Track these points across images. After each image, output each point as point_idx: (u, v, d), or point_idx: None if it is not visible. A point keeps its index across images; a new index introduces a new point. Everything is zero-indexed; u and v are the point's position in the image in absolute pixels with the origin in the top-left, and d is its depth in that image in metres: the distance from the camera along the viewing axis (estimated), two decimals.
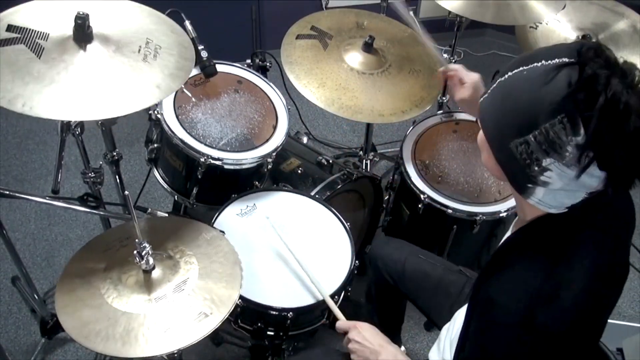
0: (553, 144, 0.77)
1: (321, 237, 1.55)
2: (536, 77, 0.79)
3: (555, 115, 0.75)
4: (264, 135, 1.70)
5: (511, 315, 0.84)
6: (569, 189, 0.82)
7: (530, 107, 0.78)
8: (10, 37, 1.12)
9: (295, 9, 2.18)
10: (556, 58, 0.78)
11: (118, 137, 1.71)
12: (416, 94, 1.76)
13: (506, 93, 0.83)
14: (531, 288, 0.84)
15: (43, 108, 1.05)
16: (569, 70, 0.76)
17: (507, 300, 0.86)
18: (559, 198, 0.84)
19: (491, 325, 0.88)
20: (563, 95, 0.75)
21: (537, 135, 0.78)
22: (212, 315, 1.12)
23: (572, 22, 1.93)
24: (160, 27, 1.32)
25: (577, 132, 0.75)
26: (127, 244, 1.26)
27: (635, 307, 2.16)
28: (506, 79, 0.84)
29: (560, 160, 0.78)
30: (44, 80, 1.09)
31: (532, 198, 0.86)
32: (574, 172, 0.78)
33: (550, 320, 0.83)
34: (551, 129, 0.76)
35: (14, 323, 1.94)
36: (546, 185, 0.82)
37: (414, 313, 1.98)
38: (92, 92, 1.12)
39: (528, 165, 0.81)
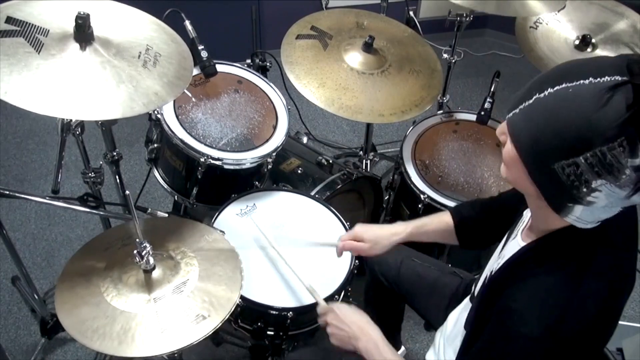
0: (610, 167, 0.74)
1: (321, 237, 1.55)
2: (588, 98, 0.74)
3: (615, 139, 0.73)
4: (264, 135, 1.70)
5: (536, 327, 0.83)
6: (612, 206, 0.80)
7: (583, 129, 0.75)
8: (9, 29, 1.12)
9: (295, 9, 2.19)
10: (606, 76, 0.74)
11: (118, 137, 1.72)
12: (416, 93, 1.76)
13: (549, 112, 0.78)
14: (561, 299, 0.83)
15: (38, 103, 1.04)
16: (624, 90, 0.73)
17: (533, 311, 0.84)
18: (596, 214, 0.82)
19: (510, 335, 0.86)
20: (623, 119, 0.72)
21: (589, 157, 0.75)
22: (210, 317, 1.11)
23: (572, 22, 1.93)
24: (160, 35, 1.32)
25: (636, 154, 0.73)
26: (127, 243, 1.26)
27: (635, 307, 2.16)
28: (547, 96, 0.78)
29: (614, 182, 0.76)
30: (42, 75, 1.08)
31: (570, 216, 0.84)
32: (626, 193, 0.76)
33: (577, 330, 0.83)
34: (609, 152, 0.73)
35: (14, 323, 1.94)
36: (590, 204, 0.80)
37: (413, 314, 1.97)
38: (90, 92, 1.11)
39: (576, 187, 0.78)
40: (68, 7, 1.21)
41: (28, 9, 1.18)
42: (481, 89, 3.16)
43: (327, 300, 1.39)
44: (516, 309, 0.86)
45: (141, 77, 1.19)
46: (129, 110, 1.12)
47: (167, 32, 1.35)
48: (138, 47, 1.25)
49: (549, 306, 0.83)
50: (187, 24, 1.63)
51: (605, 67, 0.75)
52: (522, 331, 0.84)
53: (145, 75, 1.20)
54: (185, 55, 1.33)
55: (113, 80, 1.15)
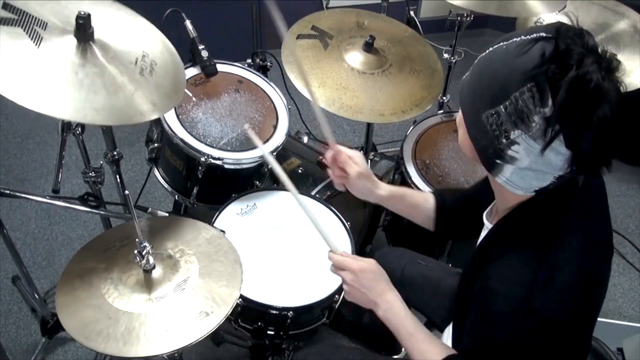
0: (521, 114, 0.78)
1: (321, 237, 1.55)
2: (512, 50, 0.80)
3: (525, 84, 0.77)
4: (264, 134, 1.70)
5: (510, 303, 0.85)
6: (536, 168, 0.82)
7: (504, 77, 0.79)
8: (6, 16, 1.09)
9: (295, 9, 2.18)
10: (534, 33, 0.79)
11: (118, 137, 1.72)
12: (417, 93, 1.76)
13: (483, 66, 0.85)
14: (527, 274, 0.85)
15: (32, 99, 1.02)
16: (545, 43, 0.77)
17: (506, 289, 0.86)
18: (527, 179, 0.85)
19: (491, 314, 0.89)
20: (535, 64, 0.76)
21: (508, 105, 0.79)
22: (213, 314, 1.12)
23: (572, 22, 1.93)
24: (156, 43, 1.31)
25: (545, 102, 0.76)
26: (127, 243, 1.26)
27: (635, 307, 2.16)
28: (486, 54, 0.85)
29: (527, 131, 0.79)
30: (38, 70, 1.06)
31: (500, 176, 0.87)
32: (539, 146, 0.79)
33: (547, 304, 0.84)
34: (520, 98, 0.77)
35: (14, 322, 1.94)
36: (514, 161, 0.83)
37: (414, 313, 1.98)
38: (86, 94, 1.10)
39: (497, 137, 0.82)
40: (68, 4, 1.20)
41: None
42: None
43: (327, 300, 1.39)
44: (489, 289, 0.88)
45: (139, 84, 1.18)
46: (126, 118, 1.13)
47: (163, 42, 1.33)
48: (134, 53, 1.23)
49: (517, 281, 0.85)
50: (188, 23, 1.63)
51: (540, 27, 0.80)
52: (497, 309, 0.87)
53: (142, 83, 1.19)
54: (179, 67, 1.31)
55: (111, 85, 1.14)
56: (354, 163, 1.25)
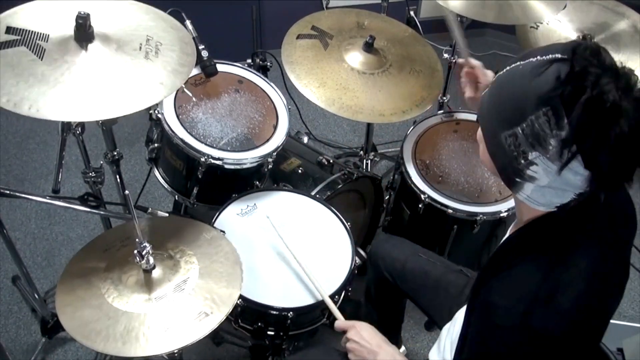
0: (538, 137, 0.78)
1: (321, 237, 1.55)
2: (529, 71, 0.80)
3: (540, 108, 0.76)
4: (264, 135, 1.70)
5: (509, 318, 0.84)
6: (555, 186, 0.82)
7: (520, 99, 0.80)
8: (10, 39, 1.12)
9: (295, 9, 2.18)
10: (550, 54, 0.79)
11: (118, 137, 1.72)
12: (417, 93, 1.76)
13: (501, 86, 0.85)
14: (528, 290, 0.84)
15: (50, 110, 1.05)
16: (560, 65, 0.76)
17: (505, 303, 0.86)
18: (547, 196, 0.84)
19: (490, 328, 0.88)
20: (549, 88, 0.76)
21: (525, 127, 0.79)
22: (212, 314, 1.12)
23: (572, 22, 1.93)
24: (159, 23, 1.32)
25: (561, 125, 0.75)
26: (127, 243, 1.26)
27: (635, 307, 2.16)
28: (504, 73, 0.86)
29: (545, 154, 0.78)
30: (48, 81, 1.09)
31: (521, 193, 0.87)
32: (557, 167, 0.79)
33: (547, 323, 0.83)
34: (536, 121, 0.77)
35: (14, 322, 1.94)
36: (533, 180, 0.83)
37: (414, 313, 1.98)
38: (98, 91, 1.12)
39: (515, 158, 0.82)
40: (64, 8, 1.21)
41: (26, 16, 1.18)
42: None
43: None
44: (493, 301, 0.88)
45: (144, 69, 1.19)
46: (137, 105, 1.12)
47: (165, 20, 1.34)
48: (138, 39, 1.24)
49: (518, 297, 0.85)
50: (188, 23, 1.63)
51: (556, 47, 0.80)
52: (496, 322, 0.87)
53: (148, 67, 1.20)
54: (186, 40, 1.32)
55: (119, 77, 1.15)
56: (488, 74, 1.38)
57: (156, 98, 1.16)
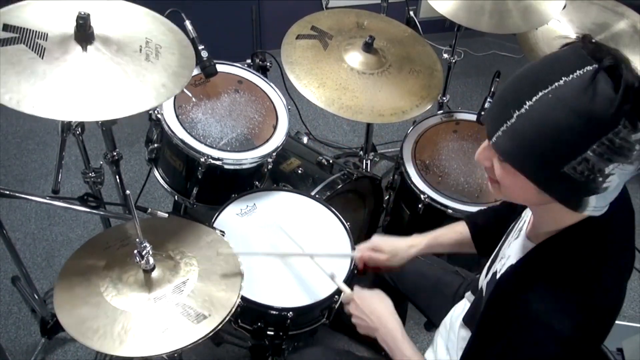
0: (621, 149, 0.75)
1: (321, 237, 1.55)
2: (572, 96, 0.75)
3: (618, 123, 0.74)
4: (264, 135, 1.70)
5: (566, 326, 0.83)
6: (621, 184, 0.82)
7: (582, 126, 0.75)
8: (8, 36, 1.11)
9: (295, 9, 2.19)
10: (577, 70, 0.76)
11: (118, 137, 1.72)
12: (416, 94, 1.76)
13: (539, 123, 0.77)
14: (584, 297, 0.84)
15: (52, 109, 1.05)
16: (600, 76, 0.74)
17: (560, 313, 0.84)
18: (608, 198, 0.84)
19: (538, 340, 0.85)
20: (617, 102, 0.73)
21: (597, 148, 0.75)
22: (210, 317, 1.11)
23: (572, 22, 1.93)
24: (157, 26, 1.32)
25: (637, 128, 0.75)
26: (127, 243, 1.26)
27: (635, 307, 2.16)
28: (528, 110, 0.78)
29: (625, 161, 0.77)
30: (50, 80, 1.08)
31: (587, 209, 0.84)
32: (635, 167, 0.78)
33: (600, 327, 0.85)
34: (616, 137, 0.75)
35: (14, 323, 1.94)
36: (604, 190, 0.81)
37: (414, 313, 1.97)
38: (100, 92, 1.12)
39: (592, 180, 0.78)
40: (62, 8, 1.21)
41: (22, 15, 1.17)
42: (481, 89, 3.16)
43: (326, 301, 1.39)
44: (539, 312, 0.85)
45: (146, 71, 1.19)
46: (141, 106, 1.13)
47: (164, 23, 1.34)
48: (138, 42, 1.24)
49: (574, 304, 0.84)
50: (187, 24, 1.63)
51: (571, 62, 0.77)
52: (552, 334, 0.84)
53: (150, 69, 1.20)
54: (185, 43, 1.32)
55: (120, 78, 1.15)
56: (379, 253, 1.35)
57: (158, 100, 1.16)
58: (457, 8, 1.76)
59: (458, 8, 1.76)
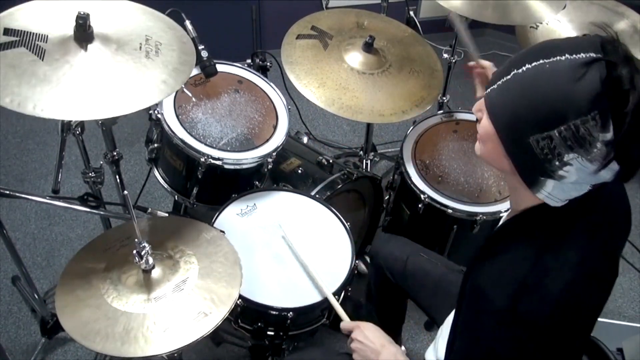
0: (582, 140, 0.76)
1: (321, 237, 1.55)
2: (563, 73, 0.77)
3: (589, 112, 0.75)
4: (264, 135, 1.70)
5: (497, 303, 0.85)
6: (581, 182, 0.82)
7: (558, 102, 0.77)
8: (9, 40, 1.12)
9: (295, 9, 2.19)
10: (581, 52, 0.77)
11: (118, 137, 1.72)
12: (416, 93, 1.76)
13: (526, 86, 0.80)
14: (517, 276, 0.85)
15: (54, 109, 1.05)
16: (599, 66, 0.75)
17: (494, 289, 0.86)
18: (567, 191, 0.84)
19: (479, 313, 0.89)
20: (597, 92, 0.74)
21: (563, 130, 0.77)
22: (211, 314, 1.12)
23: (572, 22, 1.93)
24: (157, 24, 1.32)
25: (607, 129, 0.75)
26: (127, 243, 1.26)
27: (635, 307, 2.16)
28: (525, 71, 0.81)
29: (586, 155, 0.77)
30: (51, 81, 1.09)
31: (541, 191, 0.86)
32: (595, 167, 0.78)
33: (533, 309, 0.83)
34: (582, 125, 0.75)
35: (14, 323, 1.94)
36: (561, 179, 0.82)
37: (414, 313, 1.98)
38: (101, 90, 1.12)
39: (548, 160, 0.80)
40: (61, 9, 1.21)
41: (23, 17, 1.18)
42: None
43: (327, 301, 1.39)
44: (481, 285, 0.89)
45: (146, 68, 1.19)
46: (143, 102, 1.13)
47: (163, 20, 1.34)
48: (137, 39, 1.24)
49: (508, 279, 0.85)
50: (187, 23, 1.63)
51: (581, 44, 0.78)
52: (485, 308, 0.87)
53: (150, 66, 1.20)
54: (185, 39, 1.33)
55: (120, 76, 1.15)
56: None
57: (160, 96, 1.17)
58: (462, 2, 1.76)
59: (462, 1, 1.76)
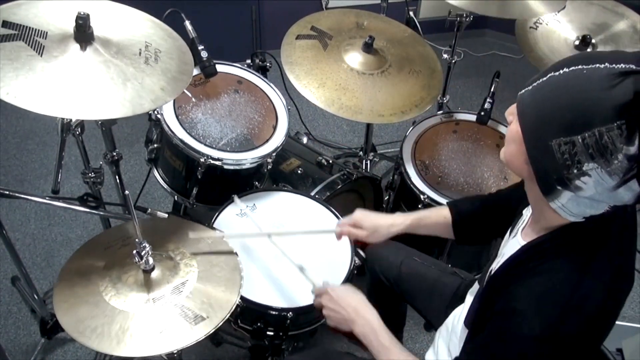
0: (604, 149, 0.74)
1: (321, 238, 1.55)
2: (599, 79, 0.75)
3: (615, 120, 0.73)
4: (263, 135, 1.70)
5: (537, 325, 0.83)
6: (597, 198, 0.80)
7: (587, 107, 0.75)
8: (7, 33, 1.12)
9: (295, 9, 2.19)
10: (622, 63, 0.74)
11: (118, 137, 1.72)
12: (416, 94, 1.76)
13: (560, 88, 0.79)
14: (560, 300, 0.83)
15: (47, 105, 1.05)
16: (636, 78, 0.73)
17: (533, 310, 0.84)
18: (582, 206, 0.82)
19: (511, 335, 0.86)
20: (627, 101, 0.72)
21: (587, 137, 0.75)
22: (208, 318, 1.11)
23: (572, 22, 1.93)
24: (157, 31, 1.33)
25: (632, 141, 0.73)
26: (128, 243, 1.26)
27: (635, 307, 2.16)
28: (561, 74, 0.79)
29: (606, 167, 0.75)
30: (48, 78, 1.09)
31: (555, 201, 0.84)
32: (614, 182, 0.76)
33: (574, 330, 0.83)
34: (606, 133, 0.73)
35: (13, 323, 1.94)
36: (577, 190, 0.79)
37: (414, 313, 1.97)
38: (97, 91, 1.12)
39: (567, 167, 0.78)
40: (62, 8, 1.21)
41: (22, 12, 1.18)
42: (481, 89, 3.16)
43: None
44: (517, 309, 0.85)
45: (145, 73, 1.19)
46: (138, 107, 1.13)
47: (163, 29, 1.35)
48: (137, 45, 1.25)
49: (550, 305, 0.83)
50: (187, 24, 1.63)
51: (625, 56, 0.76)
52: (524, 331, 0.84)
53: (149, 72, 1.20)
54: (184, 49, 1.33)
55: (119, 79, 1.16)
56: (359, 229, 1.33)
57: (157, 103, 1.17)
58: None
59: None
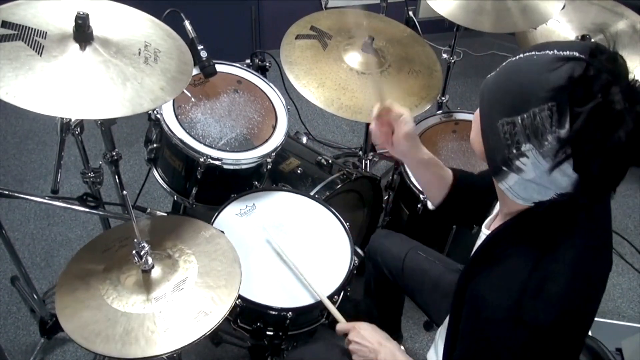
0: (536, 130, 0.77)
1: (321, 237, 1.55)
2: (543, 63, 0.78)
3: (547, 102, 0.76)
4: (263, 135, 1.70)
5: (500, 311, 0.85)
6: (540, 182, 0.82)
7: (527, 89, 0.79)
8: (7, 33, 1.12)
9: (295, 9, 2.18)
10: (568, 50, 0.78)
11: (117, 137, 1.72)
12: (416, 94, 1.76)
13: (511, 72, 0.84)
14: (518, 282, 0.85)
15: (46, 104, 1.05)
16: (575, 64, 0.76)
17: (495, 296, 0.87)
18: (529, 190, 0.85)
19: (481, 322, 0.89)
20: (560, 84, 0.75)
21: (525, 118, 0.78)
22: (211, 313, 1.11)
23: (572, 22, 1.93)
24: (157, 31, 1.33)
25: (562, 124, 0.75)
26: (126, 244, 1.26)
27: (635, 307, 2.16)
28: (515, 60, 0.84)
29: (539, 148, 0.78)
30: (47, 77, 1.09)
31: (503, 183, 0.88)
32: (548, 165, 0.79)
33: (537, 313, 0.84)
34: (538, 114, 0.77)
35: (13, 323, 1.94)
36: (519, 172, 0.83)
37: (413, 313, 1.98)
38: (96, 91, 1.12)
39: (508, 146, 0.82)
40: (62, 8, 1.21)
41: (22, 12, 1.18)
42: None
43: None
44: (481, 295, 0.89)
45: (144, 73, 1.20)
46: (138, 107, 1.13)
47: (163, 29, 1.35)
48: (137, 45, 1.25)
49: (508, 288, 0.86)
50: (187, 24, 1.63)
51: (574, 45, 0.79)
52: (485, 317, 0.87)
53: (148, 72, 1.20)
54: (183, 49, 1.34)
55: (118, 79, 1.16)
56: (404, 122, 1.18)
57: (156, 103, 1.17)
58: (456, 8, 1.76)
59: (457, 8, 1.77)
